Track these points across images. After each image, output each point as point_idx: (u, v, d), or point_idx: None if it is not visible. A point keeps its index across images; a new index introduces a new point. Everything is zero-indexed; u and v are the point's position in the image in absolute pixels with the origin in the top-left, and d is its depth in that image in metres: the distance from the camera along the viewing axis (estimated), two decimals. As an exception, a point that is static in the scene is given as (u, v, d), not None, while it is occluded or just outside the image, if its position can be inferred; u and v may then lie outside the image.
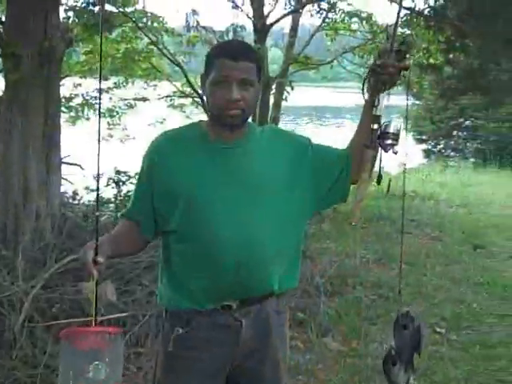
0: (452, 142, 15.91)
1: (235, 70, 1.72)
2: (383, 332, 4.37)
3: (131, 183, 5.48)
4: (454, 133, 15.68)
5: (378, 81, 1.76)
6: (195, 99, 9.35)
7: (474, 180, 11.36)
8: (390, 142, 1.75)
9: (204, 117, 2.15)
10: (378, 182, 1.84)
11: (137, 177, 1.97)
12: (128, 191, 5.49)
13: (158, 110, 10.18)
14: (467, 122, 15.18)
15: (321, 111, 29.83)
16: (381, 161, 1.82)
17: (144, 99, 9.62)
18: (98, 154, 1.76)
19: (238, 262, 1.77)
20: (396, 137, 1.75)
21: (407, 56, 1.76)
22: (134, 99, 9.67)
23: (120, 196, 5.45)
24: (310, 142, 1.95)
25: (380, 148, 1.78)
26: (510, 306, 4.90)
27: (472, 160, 14.03)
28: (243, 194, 1.80)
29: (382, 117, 1.78)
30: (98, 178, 1.99)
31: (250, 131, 1.88)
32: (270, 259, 1.82)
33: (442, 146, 15.96)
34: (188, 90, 9.33)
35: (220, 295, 1.83)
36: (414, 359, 1.63)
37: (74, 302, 3.93)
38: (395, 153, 1.77)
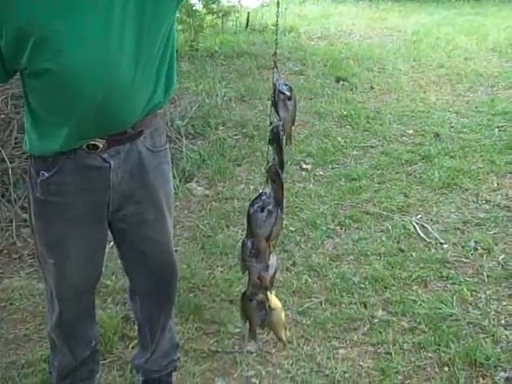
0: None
1: None
2: (249, 173, 4.21)
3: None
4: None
5: None
6: None
7: (333, 11, 11.12)
8: None
9: None
10: None
11: None
12: None
13: None
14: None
15: None
16: None
17: None
18: None
19: (96, 89, 1.56)
20: None
21: None
22: None
23: None
24: None
25: None
26: (372, 137, 4.87)
27: (331, -10, 13.76)
28: (94, 15, 1.52)
29: None
30: None
31: None
32: (134, 86, 1.62)
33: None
34: None
35: (83, 133, 1.66)
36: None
37: None
38: None
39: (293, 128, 1.51)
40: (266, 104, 5.54)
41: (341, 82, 6.37)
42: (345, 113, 5.36)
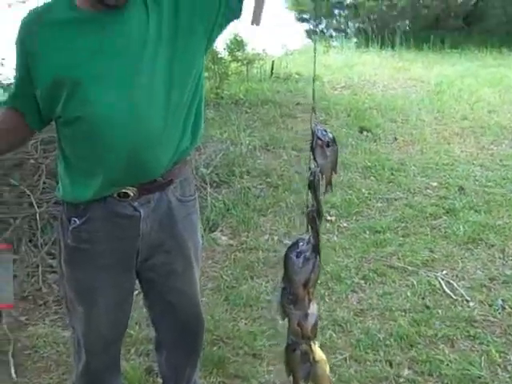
0: (334, 22, 15.67)
1: None
2: (273, 223, 4.22)
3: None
4: (336, 12, 15.42)
5: None
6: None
7: (357, 60, 11.24)
8: None
9: None
10: None
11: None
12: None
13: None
14: (348, 1, 14.94)
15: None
16: None
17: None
18: None
19: (127, 140, 1.62)
20: None
21: None
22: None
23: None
24: None
25: None
26: (397, 189, 4.87)
27: (354, 40, 13.91)
28: (124, 65, 1.60)
29: None
30: None
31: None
32: (164, 135, 1.67)
33: (323, 25, 15.69)
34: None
35: (114, 181, 1.70)
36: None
37: None
38: None
39: (334, 175, 1.51)
40: (291, 154, 5.59)
41: (364, 133, 6.40)
42: (369, 164, 5.37)
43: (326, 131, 1.47)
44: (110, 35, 1.60)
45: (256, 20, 1.51)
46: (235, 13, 1.75)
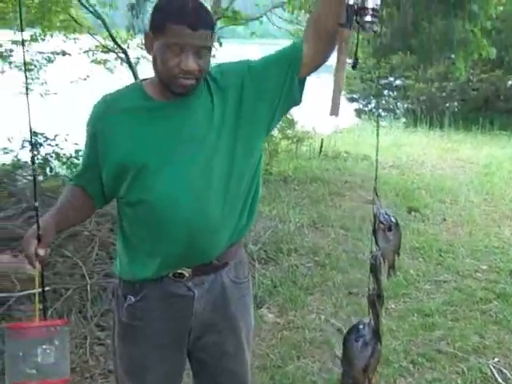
0: (383, 102, 15.93)
1: (193, 39, 1.58)
2: (320, 302, 4.20)
3: (49, 145, 5.07)
4: (385, 92, 15.70)
5: None
6: (119, 54, 8.82)
7: (405, 140, 11.35)
8: (369, 18, 1.47)
9: (130, 75, 1.85)
10: (354, 68, 1.56)
11: (62, 137, 1.81)
12: (46, 154, 5.07)
13: (79, 65, 9.57)
14: (398, 82, 15.21)
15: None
16: (358, 41, 1.53)
17: (64, 53, 8.97)
18: (29, 113, 1.68)
19: (186, 224, 1.66)
20: (376, 12, 1.48)
21: None
22: (53, 53, 9.00)
23: (38, 159, 5.00)
24: (247, 67, 1.75)
25: (357, 27, 1.51)
26: (445, 271, 4.81)
27: (403, 120, 14.08)
28: (188, 152, 1.67)
29: None
30: (32, 152, 1.93)
31: (198, 87, 1.69)
32: (222, 218, 1.72)
33: (372, 105, 15.95)
34: (111, 44, 8.78)
35: (171, 262, 1.74)
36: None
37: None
38: (374, 31, 1.50)
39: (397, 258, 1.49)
40: (338, 232, 5.62)
41: (413, 213, 6.40)
42: (417, 245, 5.35)
43: (388, 214, 1.48)
44: (177, 123, 1.67)
45: (335, 111, 1.53)
46: (296, 100, 1.77)
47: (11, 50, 8.26)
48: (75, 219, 1.88)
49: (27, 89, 1.81)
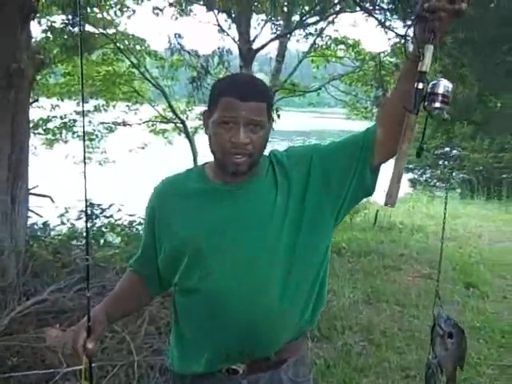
0: (438, 172, 15.76)
1: (243, 110, 1.55)
2: (376, 386, 4.05)
3: (104, 216, 5.16)
4: (440, 162, 15.54)
5: (426, 28, 1.40)
6: (177, 125, 9.06)
7: (461, 212, 11.13)
8: (438, 105, 1.37)
9: (187, 145, 1.87)
10: (418, 155, 1.45)
11: (110, 208, 1.80)
12: (101, 225, 5.16)
13: (139, 134, 9.86)
14: (454, 152, 15.04)
15: (308, 136, 29.48)
16: (425, 129, 1.44)
17: (124, 123, 9.29)
18: (85, 184, 1.71)
19: (243, 315, 1.58)
20: (446, 99, 1.38)
21: None
22: (114, 123, 9.34)
23: (93, 230, 5.08)
24: (314, 152, 1.68)
25: (425, 112, 1.41)
26: (509, 355, 4.58)
27: (458, 191, 13.85)
28: (246, 238, 1.59)
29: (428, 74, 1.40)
30: (86, 223, 2.06)
31: (258, 170, 1.66)
32: (282, 312, 1.61)
33: (428, 175, 15.80)
34: (170, 114, 9.04)
35: (225, 356, 1.63)
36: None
37: (35, 350, 3.57)
38: (444, 119, 1.43)
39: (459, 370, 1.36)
40: (394, 308, 5.46)
41: (471, 289, 6.18)
42: (477, 324, 5.13)
43: (449, 319, 1.37)
44: (237, 208, 1.61)
45: (391, 201, 1.43)
46: (369, 189, 1.67)
47: (75, 121, 8.61)
48: (130, 309, 1.86)
49: (85, 162, 1.80)
